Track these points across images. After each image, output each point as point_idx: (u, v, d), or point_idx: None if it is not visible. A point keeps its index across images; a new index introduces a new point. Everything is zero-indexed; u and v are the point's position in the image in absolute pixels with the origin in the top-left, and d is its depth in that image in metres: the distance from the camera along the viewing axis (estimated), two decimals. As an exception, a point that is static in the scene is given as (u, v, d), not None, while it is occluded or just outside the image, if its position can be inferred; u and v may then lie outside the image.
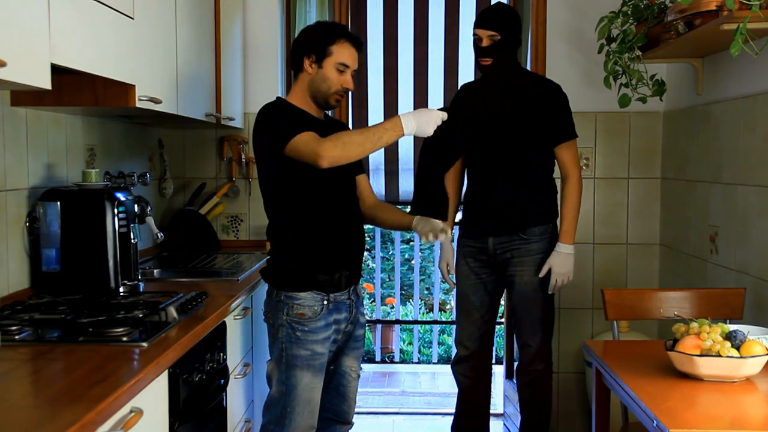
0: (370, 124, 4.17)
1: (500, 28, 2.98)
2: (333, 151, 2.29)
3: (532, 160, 3.09)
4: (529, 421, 3.28)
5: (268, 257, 2.58)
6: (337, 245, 2.49)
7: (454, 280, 3.27)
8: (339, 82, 2.47)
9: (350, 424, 2.69)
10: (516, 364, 3.37)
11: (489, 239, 3.12)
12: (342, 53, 2.46)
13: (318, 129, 2.44)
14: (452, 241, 3.37)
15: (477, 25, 3.04)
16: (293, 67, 2.54)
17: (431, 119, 2.36)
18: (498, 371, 5.08)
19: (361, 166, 2.68)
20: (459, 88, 3.37)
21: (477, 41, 3.03)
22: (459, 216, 3.36)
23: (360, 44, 2.53)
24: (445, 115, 2.40)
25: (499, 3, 3.15)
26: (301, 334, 2.43)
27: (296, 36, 2.58)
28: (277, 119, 2.43)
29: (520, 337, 3.19)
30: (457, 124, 2.54)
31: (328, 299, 2.47)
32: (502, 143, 3.06)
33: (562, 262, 3.05)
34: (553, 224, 3.13)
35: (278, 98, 2.57)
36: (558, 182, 3.16)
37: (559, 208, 3.13)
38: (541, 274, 3.06)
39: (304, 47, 2.49)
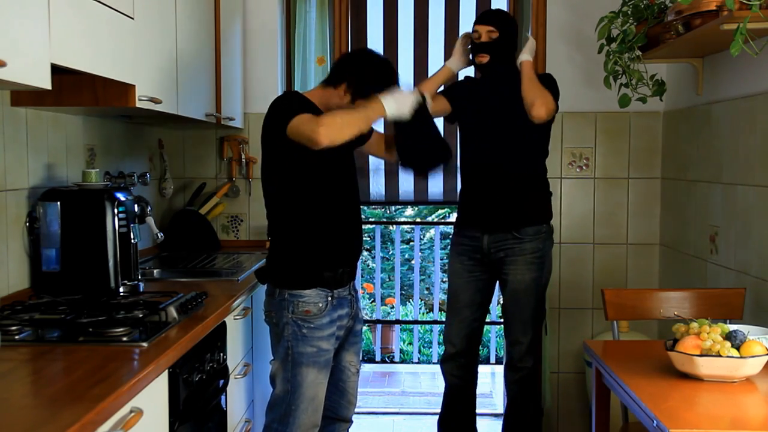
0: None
1: (499, 26, 3.05)
2: (329, 131, 2.29)
3: (528, 160, 3.12)
4: (521, 419, 3.29)
5: (268, 257, 2.57)
6: (340, 242, 2.50)
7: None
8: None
9: (349, 422, 2.70)
10: (504, 361, 3.39)
11: (483, 237, 3.14)
12: None
13: None
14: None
15: (477, 21, 3.11)
16: (331, 77, 2.51)
17: (408, 102, 2.44)
18: (498, 371, 5.10)
19: (362, 139, 2.66)
20: (462, 78, 3.41)
21: (475, 38, 3.07)
22: (453, 216, 3.38)
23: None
24: (419, 98, 2.48)
25: (498, 8, 3.25)
26: (307, 331, 2.43)
27: (355, 53, 2.60)
28: (286, 104, 2.42)
29: (511, 334, 3.21)
30: (426, 110, 2.57)
31: (332, 295, 2.47)
32: (505, 141, 3.08)
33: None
34: (547, 224, 3.17)
35: (296, 92, 2.55)
36: (552, 184, 3.21)
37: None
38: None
39: (353, 75, 2.46)
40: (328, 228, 2.47)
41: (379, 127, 2.66)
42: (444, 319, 3.41)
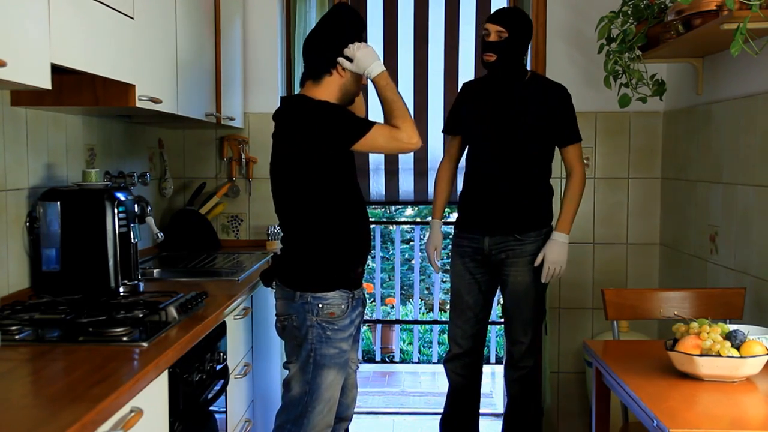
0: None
1: (510, 25, 3.00)
2: (415, 132, 2.42)
3: (532, 163, 3.11)
4: (521, 418, 3.30)
5: (284, 260, 2.51)
6: (361, 241, 2.50)
7: (440, 265, 3.34)
8: (361, 79, 2.53)
9: (349, 420, 2.70)
10: (505, 360, 3.39)
11: (485, 239, 3.14)
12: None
13: None
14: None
15: (488, 19, 3.08)
16: (322, 70, 2.46)
17: (370, 49, 2.48)
18: (499, 371, 5.10)
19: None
20: (461, 86, 3.38)
21: (484, 36, 3.05)
22: (454, 216, 3.38)
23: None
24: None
25: (515, 7, 3.18)
26: (331, 333, 2.42)
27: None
28: (344, 114, 2.43)
29: (512, 334, 3.22)
30: None
31: (353, 296, 2.48)
32: (505, 144, 3.08)
33: (556, 251, 3.07)
34: (548, 227, 3.16)
35: (330, 102, 2.44)
36: (555, 184, 3.21)
37: (559, 205, 3.18)
38: (536, 263, 3.09)
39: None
40: (351, 229, 2.47)
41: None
42: (444, 319, 3.42)
